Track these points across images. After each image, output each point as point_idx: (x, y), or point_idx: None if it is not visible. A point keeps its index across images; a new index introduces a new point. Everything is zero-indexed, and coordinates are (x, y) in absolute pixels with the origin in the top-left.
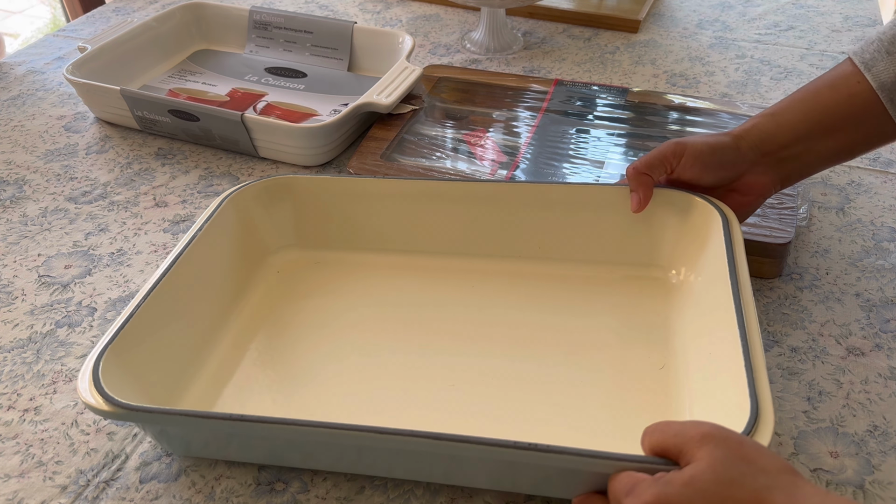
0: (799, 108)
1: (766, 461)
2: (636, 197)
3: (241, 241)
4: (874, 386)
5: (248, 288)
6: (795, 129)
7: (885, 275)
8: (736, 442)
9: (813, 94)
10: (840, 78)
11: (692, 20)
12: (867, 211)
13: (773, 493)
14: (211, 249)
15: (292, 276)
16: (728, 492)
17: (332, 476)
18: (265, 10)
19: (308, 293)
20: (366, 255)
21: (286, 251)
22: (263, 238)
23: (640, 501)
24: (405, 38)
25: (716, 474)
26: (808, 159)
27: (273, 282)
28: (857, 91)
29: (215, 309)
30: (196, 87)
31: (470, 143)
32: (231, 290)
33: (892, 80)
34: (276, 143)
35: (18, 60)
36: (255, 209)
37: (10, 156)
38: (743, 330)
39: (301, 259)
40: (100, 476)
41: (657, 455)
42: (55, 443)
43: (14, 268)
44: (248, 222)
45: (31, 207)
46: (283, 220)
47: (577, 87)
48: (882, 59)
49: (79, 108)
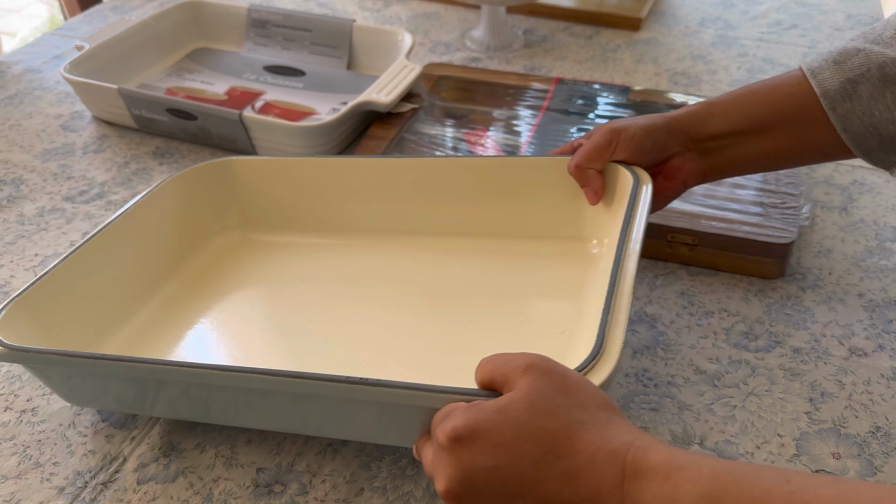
0: (736, 101)
1: (586, 396)
2: (590, 191)
3: (180, 218)
4: (877, 387)
5: (183, 263)
6: (728, 121)
7: (888, 275)
8: (559, 374)
9: (752, 90)
10: (784, 79)
11: (694, 18)
12: (870, 211)
13: (584, 428)
14: (146, 222)
15: (231, 255)
16: (539, 422)
17: (330, 478)
18: (264, 8)
19: (245, 273)
20: (306, 235)
21: (229, 232)
22: (205, 219)
23: (450, 426)
24: (405, 37)
25: (530, 402)
26: (736, 155)
27: (211, 260)
28: (795, 92)
29: (144, 278)
30: (194, 86)
31: (470, 142)
32: (166, 263)
33: (836, 88)
34: (274, 141)
35: (16, 59)
36: (197, 191)
37: (6, 155)
38: (614, 277)
39: (242, 240)
40: (97, 478)
41: (486, 387)
42: (52, 444)
43: (11, 268)
44: (190, 203)
45: (27, 207)
46: (225, 202)
47: (578, 86)
48: (828, 67)
49: (76, 107)
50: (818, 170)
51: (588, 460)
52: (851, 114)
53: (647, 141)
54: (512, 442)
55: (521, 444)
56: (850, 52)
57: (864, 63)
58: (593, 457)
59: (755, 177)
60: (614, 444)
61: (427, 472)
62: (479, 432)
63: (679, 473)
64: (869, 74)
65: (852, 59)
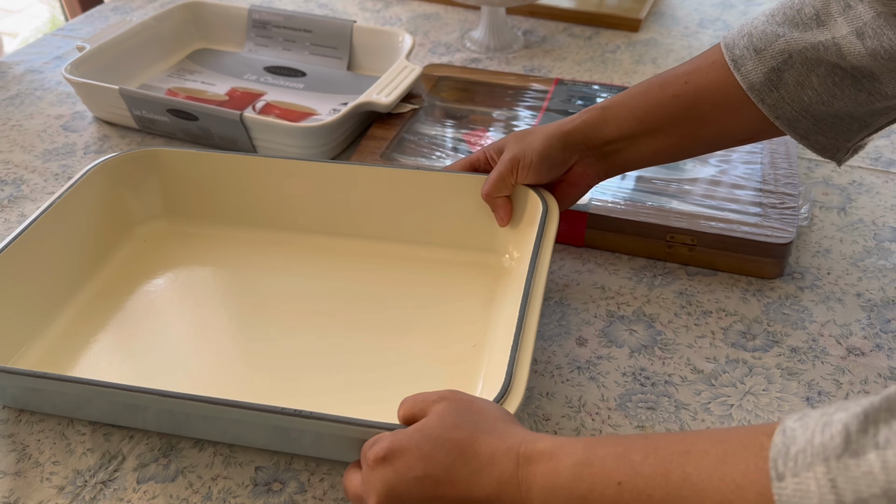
0: (627, 104)
1: (488, 412)
2: (499, 216)
3: (105, 209)
4: (874, 386)
5: (109, 255)
6: (619, 127)
7: (886, 275)
8: (467, 399)
9: (644, 90)
10: (675, 77)
11: (693, 19)
12: (869, 211)
13: (486, 434)
14: (71, 215)
15: (156, 246)
16: (449, 434)
17: (329, 477)
18: (264, 8)
19: (169, 264)
20: (230, 229)
21: (153, 222)
22: (130, 208)
23: (378, 448)
24: (405, 37)
25: (441, 420)
26: (631, 155)
27: (137, 251)
28: (681, 92)
29: (71, 272)
30: (195, 87)
31: (470, 143)
32: (91, 255)
33: (761, 80)
34: (275, 142)
35: (17, 60)
36: (121, 179)
37: (7, 155)
38: (523, 310)
39: (167, 230)
40: (97, 476)
41: (407, 422)
42: (52, 443)
43: None
44: (113, 191)
45: (29, 207)
46: (150, 191)
47: (577, 87)
48: (750, 57)
49: (77, 108)
50: (817, 170)
51: (489, 459)
52: (781, 102)
53: (544, 164)
54: (429, 454)
55: (436, 454)
56: (769, 38)
57: (784, 50)
58: (493, 455)
59: (754, 177)
60: (509, 442)
61: (353, 496)
62: (401, 450)
63: (560, 450)
64: (791, 61)
65: (772, 45)
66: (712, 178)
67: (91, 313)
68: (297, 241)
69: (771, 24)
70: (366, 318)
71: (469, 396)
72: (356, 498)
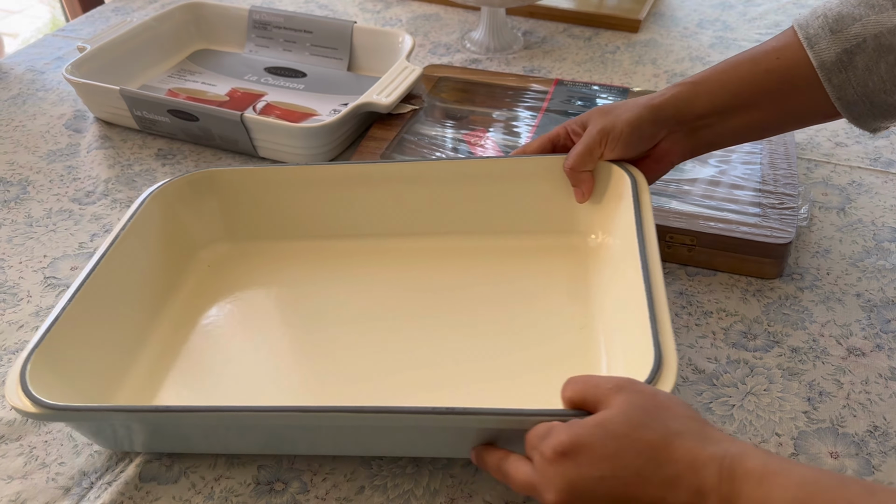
0: (718, 78)
1: (677, 409)
2: (579, 192)
3: (167, 237)
4: (874, 386)
5: (178, 283)
6: (712, 101)
7: (885, 275)
8: (649, 392)
9: (734, 65)
10: (771, 48)
11: (693, 20)
12: (868, 211)
13: (681, 437)
14: (136, 247)
15: (222, 269)
16: (638, 434)
17: (331, 476)
18: (265, 9)
19: (239, 285)
20: (295, 242)
21: (215, 245)
22: (191, 233)
23: (555, 441)
24: (405, 38)
25: (627, 417)
26: (722, 130)
27: (203, 276)
28: (774, 67)
29: (145, 306)
30: (195, 87)
31: (470, 143)
32: (161, 286)
33: (832, 60)
34: (275, 142)
35: (18, 60)
36: (179, 205)
37: (12, 156)
38: (648, 284)
39: (231, 251)
40: (103, 478)
41: (575, 407)
42: (58, 444)
43: (20, 269)
44: (173, 218)
45: (35, 208)
46: (209, 213)
47: (577, 87)
48: (825, 37)
49: (79, 107)
50: (816, 170)
51: (688, 466)
52: (846, 84)
53: (634, 137)
54: (615, 454)
55: (623, 455)
56: (846, 20)
57: (860, 33)
58: (693, 462)
59: (753, 178)
60: (711, 450)
61: (523, 486)
62: (583, 446)
63: (772, 478)
64: (865, 45)
65: (849, 28)
66: (711, 179)
67: (172, 345)
68: (369, 246)
69: (846, 5)
70: (458, 315)
71: (650, 388)
72: (528, 488)
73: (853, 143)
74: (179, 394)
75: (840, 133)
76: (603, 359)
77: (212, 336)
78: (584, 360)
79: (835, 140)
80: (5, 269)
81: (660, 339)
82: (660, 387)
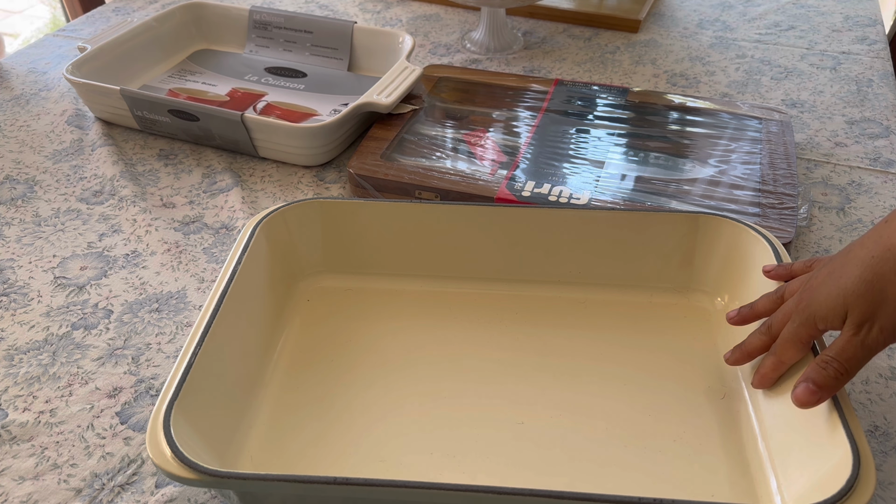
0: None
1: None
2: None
3: (272, 270)
4: (875, 386)
5: (283, 321)
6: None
7: None
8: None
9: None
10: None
11: (692, 20)
12: (867, 211)
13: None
14: (250, 282)
15: (324, 304)
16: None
17: None
18: (265, 9)
19: (346, 324)
20: (397, 280)
21: (315, 278)
22: (292, 265)
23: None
24: (405, 38)
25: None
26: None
27: (306, 312)
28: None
29: (259, 346)
30: (196, 87)
31: (470, 143)
32: (269, 323)
33: None
34: (276, 142)
35: (19, 61)
36: (283, 235)
37: (18, 156)
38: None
39: (330, 286)
40: (115, 480)
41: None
42: (70, 445)
43: (29, 269)
44: (277, 250)
45: (43, 208)
46: (311, 245)
47: (577, 87)
48: None
49: (79, 107)
50: (816, 170)
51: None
52: None
53: None
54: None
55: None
56: None
57: None
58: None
59: (753, 178)
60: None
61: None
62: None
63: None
64: None
65: None
66: (711, 179)
67: (290, 393)
68: (471, 290)
69: None
70: (579, 371)
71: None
72: None
73: (853, 143)
74: (304, 452)
75: (840, 133)
76: (756, 435)
77: (328, 383)
78: (734, 433)
79: (834, 140)
80: (15, 269)
81: (857, 443)
82: (856, 500)
